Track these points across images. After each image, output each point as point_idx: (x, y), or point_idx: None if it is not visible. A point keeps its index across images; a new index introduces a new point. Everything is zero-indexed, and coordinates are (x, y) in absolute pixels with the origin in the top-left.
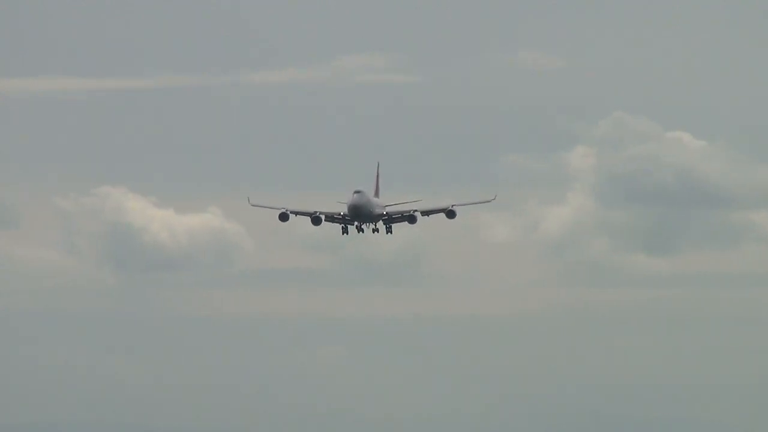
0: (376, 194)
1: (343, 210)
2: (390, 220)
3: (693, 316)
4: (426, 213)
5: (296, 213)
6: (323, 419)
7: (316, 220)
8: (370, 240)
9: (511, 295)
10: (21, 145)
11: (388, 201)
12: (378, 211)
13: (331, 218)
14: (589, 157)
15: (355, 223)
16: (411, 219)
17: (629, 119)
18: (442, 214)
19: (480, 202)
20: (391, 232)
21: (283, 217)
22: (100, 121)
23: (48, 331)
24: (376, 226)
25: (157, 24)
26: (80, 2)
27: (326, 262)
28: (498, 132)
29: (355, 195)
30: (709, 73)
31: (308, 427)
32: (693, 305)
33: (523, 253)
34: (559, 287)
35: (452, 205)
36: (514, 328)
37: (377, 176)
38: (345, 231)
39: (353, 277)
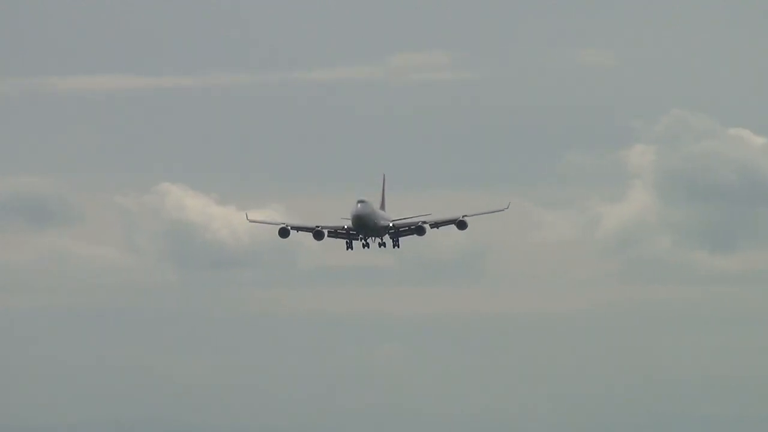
0: (382, 207)
1: (346, 223)
2: (397, 233)
3: (755, 313)
4: (435, 225)
5: (297, 228)
6: (384, 417)
7: (318, 235)
8: (430, 239)
9: (572, 293)
10: (81, 143)
11: (441, 204)
12: (383, 223)
13: (334, 233)
14: (649, 155)
15: (360, 236)
16: (419, 231)
17: (689, 116)
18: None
19: (492, 212)
20: (398, 246)
21: (283, 232)
22: (160, 119)
23: (108, 329)
24: (382, 240)
25: (211, 22)
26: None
27: (388, 259)
28: (557, 130)
29: (358, 205)
30: None
31: (368, 425)
32: (755, 302)
33: (584, 250)
34: (620, 285)
35: (463, 216)
36: (575, 326)
37: (383, 188)
38: (349, 246)
39: (414, 275)
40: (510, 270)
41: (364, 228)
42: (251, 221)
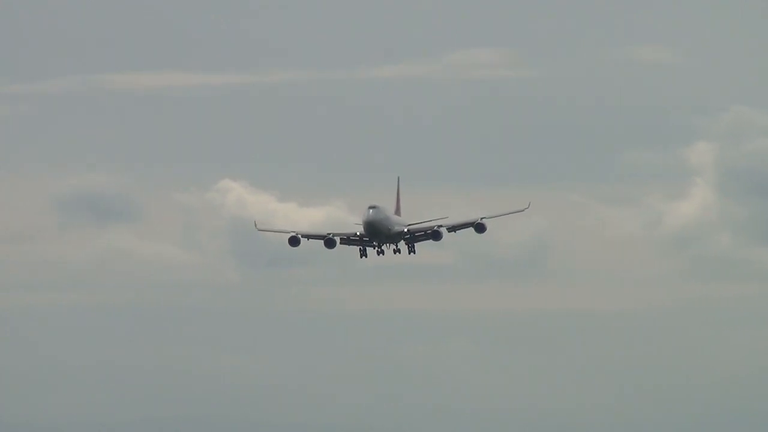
0: (397, 212)
1: (359, 230)
2: (412, 238)
3: None
4: (453, 228)
5: (308, 236)
6: (448, 413)
7: (329, 243)
8: (493, 235)
9: (634, 291)
10: (142, 141)
11: (501, 201)
12: (397, 228)
13: (347, 240)
14: (710, 152)
15: (374, 243)
16: (435, 236)
17: (750, 113)
18: (471, 229)
19: (512, 212)
20: (414, 252)
21: (294, 241)
22: (221, 117)
23: (168, 327)
24: (397, 246)
25: (272, 19)
26: None
27: (450, 256)
28: (617, 127)
29: (370, 211)
30: None
31: (432, 421)
32: None
33: (646, 248)
34: (682, 282)
35: (481, 218)
36: (636, 324)
37: (398, 192)
38: (363, 253)
39: (475, 272)
40: (571, 267)
41: (377, 235)
42: (260, 230)
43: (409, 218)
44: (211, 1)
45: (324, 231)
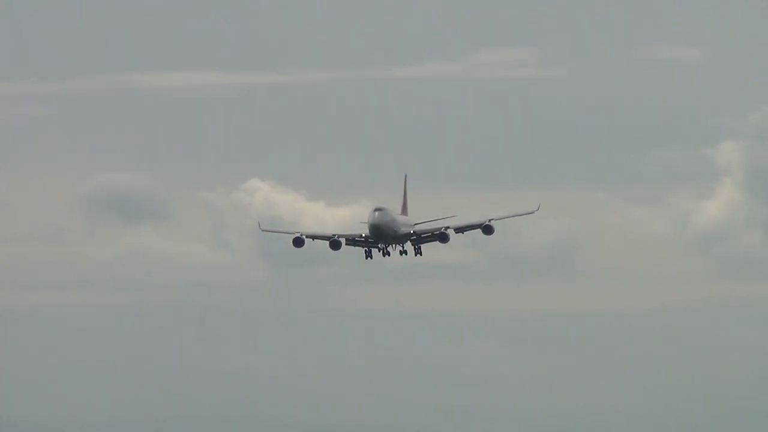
0: (404, 211)
1: (365, 231)
2: (419, 239)
3: None
4: (460, 230)
5: (313, 237)
6: (471, 413)
7: (334, 245)
8: (519, 234)
9: (661, 290)
10: (169, 140)
11: (527, 201)
12: (404, 230)
13: (352, 241)
14: (737, 152)
15: (380, 245)
16: (442, 238)
17: None
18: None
19: (521, 214)
20: (420, 254)
21: (298, 242)
22: (249, 116)
23: (196, 327)
24: (403, 247)
25: (299, 19)
26: None
27: (478, 256)
28: (643, 127)
29: (375, 213)
30: None
31: (455, 422)
32: None
33: (672, 247)
34: (711, 281)
35: (489, 220)
36: (664, 324)
37: (404, 190)
38: (369, 255)
39: (502, 271)
40: (598, 267)
41: (382, 237)
42: (264, 230)
43: (429, 217)
44: (238, 0)
45: (330, 232)
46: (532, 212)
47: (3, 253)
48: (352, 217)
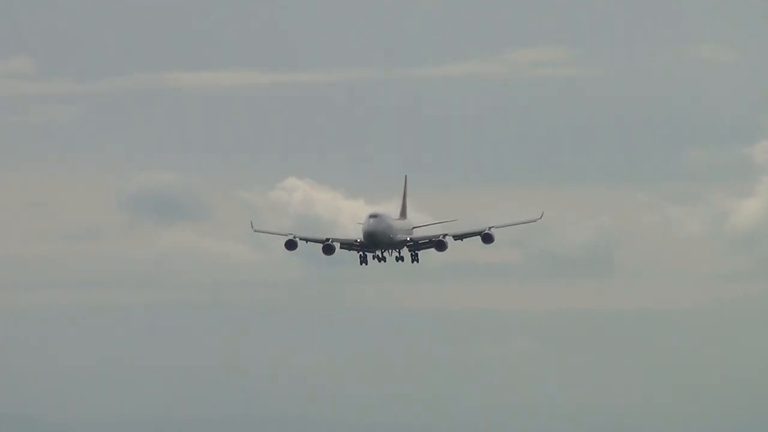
0: (403, 214)
1: (360, 236)
2: (415, 246)
3: None
4: (459, 237)
5: (306, 240)
6: (511, 411)
7: (328, 249)
8: (558, 233)
9: (699, 289)
10: (208, 139)
11: (567, 200)
12: (400, 236)
13: (348, 245)
14: None
15: (376, 251)
16: (439, 246)
17: None
18: (478, 238)
19: (524, 222)
20: (417, 261)
21: (290, 245)
22: (285, 115)
23: (236, 325)
24: (400, 253)
25: (338, 18)
26: None
27: (515, 255)
28: (682, 126)
29: (370, 220)
30: None
31: (495, 419)
32: None
33: (711, 246)
34: (749, 280)
35: (489, 228)
36: (702, 322)
37: (404, 192)
38: (363, 260)
39: (542, 271)
40: (637, 266)
41: (377, 244)
42: (256, 231)
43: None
44: (275, 1)
45: (323, 235)
46: (535, 220)
47: (43, 252)
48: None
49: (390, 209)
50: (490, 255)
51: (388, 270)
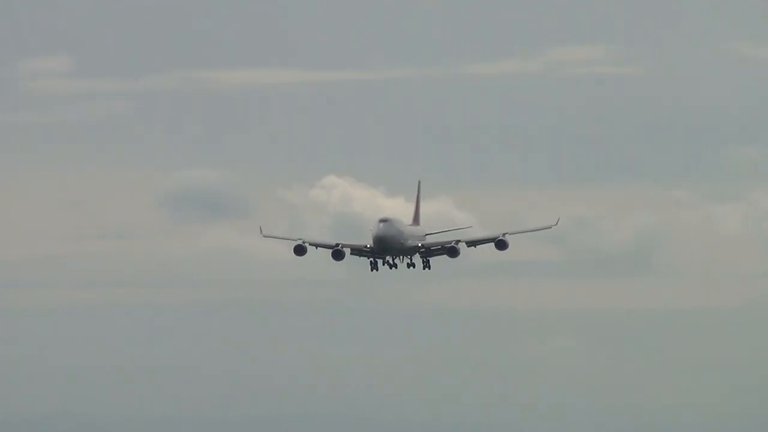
0: (416, 220)
1: (370, 242)
2: (427, 252)
3: None
4: (472, 243)
5: (315, 245)
6: (552, 411)
7: (337, 254)
8: (598, 232)
9: (739, 288)
10: (245, 137)
11: (610, 199)
12: (412, 242)
13: (358, 251)
14: None
15: (387, 257)
16: (451, 252)
17: None
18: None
19: (539, 229)
20: (429, 267)
21: (299, 250)
22: (325, 113)
23: (277, 323)
24: (411, 260)
25: (375, 16)
26: None
27: (557, 253)
28: (722, 124)
29: (380, 225)
30: None
31: (536, 420)
32: None
33: (752, 244)
34: None
35: (503, 234)
36: (744, 321)
37: (417, 197)
38: (374, 267)
39: (584, 270)
40: (676, 265)
41: (387, 250)
42: (265, 236)
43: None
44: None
45: (333, 241)
46: (551, 227)
47: (82, 250)
48: (432, 213)
49: (435, 207)
50: (533, 251)
51: (436, 268)
